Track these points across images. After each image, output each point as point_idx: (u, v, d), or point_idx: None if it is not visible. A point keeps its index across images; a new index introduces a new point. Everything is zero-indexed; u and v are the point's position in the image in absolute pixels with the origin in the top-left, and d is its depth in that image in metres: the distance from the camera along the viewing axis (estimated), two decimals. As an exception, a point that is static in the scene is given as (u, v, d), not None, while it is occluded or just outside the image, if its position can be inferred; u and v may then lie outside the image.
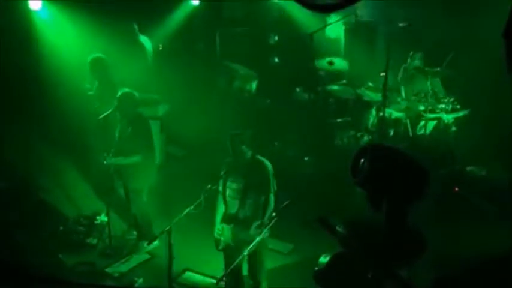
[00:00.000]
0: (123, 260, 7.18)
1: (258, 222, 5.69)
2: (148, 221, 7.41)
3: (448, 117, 8.84)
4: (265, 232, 5.55)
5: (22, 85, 8.84)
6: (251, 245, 5.44)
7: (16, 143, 8.72)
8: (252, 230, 5.68)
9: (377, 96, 9.19)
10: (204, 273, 6.76)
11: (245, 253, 5.44)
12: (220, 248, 5.91)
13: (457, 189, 8.10)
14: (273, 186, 5.82)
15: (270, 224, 5.56)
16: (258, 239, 5.47)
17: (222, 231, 5.87)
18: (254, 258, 5.88)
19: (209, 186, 5.62)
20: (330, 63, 9.80)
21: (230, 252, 5.87)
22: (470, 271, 5.74)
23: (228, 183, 5.86)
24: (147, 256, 7.26)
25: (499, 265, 5.40)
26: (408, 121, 8.96)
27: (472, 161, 8.71)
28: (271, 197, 5.78)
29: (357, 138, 9.41)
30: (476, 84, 8.94)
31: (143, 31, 9.98)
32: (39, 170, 8.66)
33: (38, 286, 4.73)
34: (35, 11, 9.08)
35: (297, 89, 10.72)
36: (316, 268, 3.18)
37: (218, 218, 5.94)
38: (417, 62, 9.27)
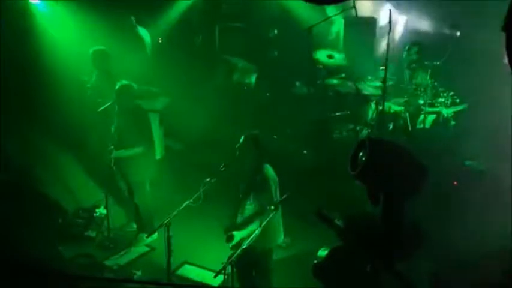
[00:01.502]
0: (122, 253, 7.20)
1: (236, 241, 5.52)
2: (149, 212, 7.42)
3: (447, 111, 8.86)
4: (251, 239, 5.24)
5: (21, 78, 8.82)
6: (237, 252, 5.24)
7: (15, 135, 8.71)
8: (230, 244, 5.56)
9: (376, 90, 9.20)
10: (203, 266, 6.78)
11: (235, 254, 5.21)
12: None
13: (455, 183, 8.11)
14: (273, 196, 5.50)
15: (251, 239, 5.25)
16: (237, 252, 5.23)
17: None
18: (256, 269, 5.78)
19: (208, 179, 5.61)
20: (330, 57, 9.81)
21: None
22: (466, 266, 5.76)
23: (240, 183, 5.78)
24: (146, 249, 7.29)
25: (494, 260, 5.42)
26: (407, 115, 8.97)
27: (470, 156, 8.72)
28: (265, 211, 5.37)
29: (356, 132, 9.41)
30: (475, 78, 8.94)
31: (142, 24, 9.97)
32: (39, 163, 8.65)
33: (36, 278, 4.74)
34: (34, 4, 9.07)
35: (297, 83, 10.71)
36: (315, 261, 3.19)
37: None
38: (414, 56, 9.31)
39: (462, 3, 9.05)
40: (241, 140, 5.63)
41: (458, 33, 9.59)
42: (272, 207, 5.35)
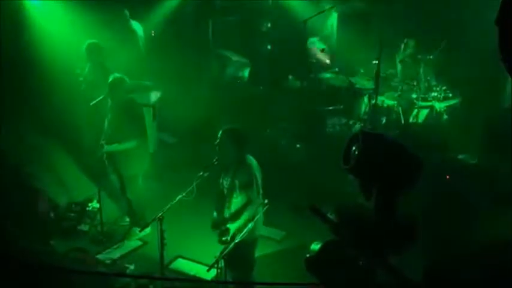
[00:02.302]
0: (115, 247, 7.19)
1: (226, 237, 5.57)
2: (142, 206, 7.40)
3: (440, 106, 8.88)
4: (240, 237, 5.33)
5: (12, 72, 8.76)
6: (230, 246, 5.31)
7: (7, 130, 8.66)
8: (219, 239, 5.60)
9: (369, 84, 9.20)
10: (196, 260, 6.78)
11: (228, 248, 5.30)
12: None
13: (448, 177, 8.13)
14: (257, 189, 5.55)
15: (244, 232, 5.33)
16: (230, 246, 5.31)
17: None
18: (244, 260, 5.77)
19: (201, 173, 5.59)
20: (322, 50, 9.80)
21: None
22: (459, 260, 5.78)
23: (222, 179, 5.78)
24: (139, 243, 7.27)
25: (488, 255, 5.44)
26: (400, 109, 8.98)
27: (463, 149, 8.74)
28: (253, 201, 5.51)
29: (349, 126, 9.42)
30: (468, 72, 8.95)
31: (135, 17, 9.92)
32: (31, 157, 8.61)
33: (29, 272, 4.73)
34: (26, -3, 9.03)
35: (290, 77, 10.70)
36: (308, 255, 3.18)
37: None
38: (411, 50, 9.31)
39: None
40: (219, 135, 5.59)
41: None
42: (266, 201, 5.46)
